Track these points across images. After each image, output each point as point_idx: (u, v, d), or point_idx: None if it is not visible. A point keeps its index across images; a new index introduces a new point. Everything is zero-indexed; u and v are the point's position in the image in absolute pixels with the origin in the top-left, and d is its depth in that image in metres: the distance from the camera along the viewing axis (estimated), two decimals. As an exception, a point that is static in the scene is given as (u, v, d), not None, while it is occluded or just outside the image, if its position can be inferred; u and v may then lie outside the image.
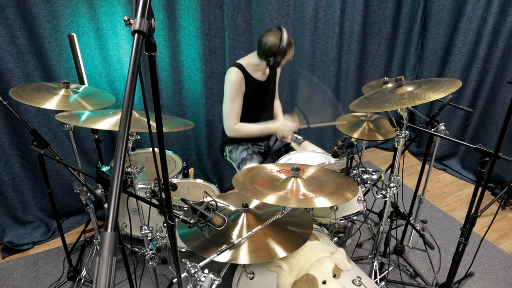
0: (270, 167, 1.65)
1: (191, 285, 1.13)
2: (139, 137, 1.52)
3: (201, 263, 1.17)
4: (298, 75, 2.91)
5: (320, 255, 1.37)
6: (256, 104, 2.13)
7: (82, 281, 2.01)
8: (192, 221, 1.20)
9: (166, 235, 1.83)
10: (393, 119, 1.59)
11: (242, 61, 2.04)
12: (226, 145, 2.24)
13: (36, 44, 2.07)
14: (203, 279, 1.13)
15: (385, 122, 2.16)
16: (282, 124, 2.14)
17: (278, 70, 2.26)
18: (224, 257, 1.30)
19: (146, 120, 0.92)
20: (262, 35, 1.93)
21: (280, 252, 1.35)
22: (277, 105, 2.36)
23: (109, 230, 0.49)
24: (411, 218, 2.29)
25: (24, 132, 2.23)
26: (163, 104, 2.54)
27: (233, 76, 1.97)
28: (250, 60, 2.03)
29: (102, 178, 1.39)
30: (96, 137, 2.18)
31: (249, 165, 2.07)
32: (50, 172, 2.35)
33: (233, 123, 2.05)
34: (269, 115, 2.30)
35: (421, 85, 1.47)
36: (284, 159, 2.04)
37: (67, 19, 2.09)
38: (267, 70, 2.14)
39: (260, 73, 2.09)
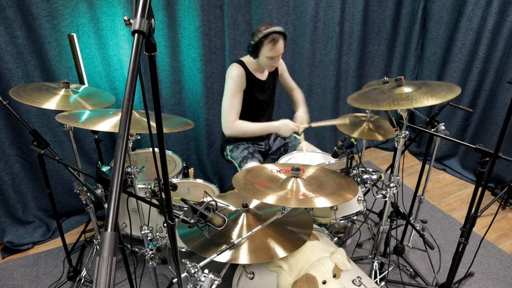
0: (270, 167, 1.65)
1: (191, 285, 1.13)
2: (139, 137, 1.52)
3: (201, 263, 1.17)
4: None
5: (320, 255, 1.37)
6: (257, 102, 2.14)
7: (82, 281, 2.01)
8: (192, 221, 1.20)
9: (166, 235, 1.83)
10: (393, 119, 1.59)
11: (244, 59, 2.07)
12: (226, 144, 2.24)
13: (36, 44, 2.07)
14: (203, 279, 1.12)
15: (385, 122, 2.16)
16: (282, 123, 2.09)
17: (281, 70, 2.26)
18: (224, 257, 1.30)
19: (146, 120, 0.92)
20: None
21: (280, 252, 1.35)
22: (299, 94, 2.35)
23: (109, 230, 0.50)
24: (411, 218, 2.29)
25: (24, 132, 2.22)
26: (163, 104, 2.54)
27: (234, 72, 1.99)
28: (250, 59, 2.06)
29: (102, 178, 1.39)
30: (96, 137, 2.18)
31: (250, 163, 2.07)
32: (50, 172, 2.35)
33: (232, 120, 2.05)
34: (270, 114, 2.30)
35: (421, 87, 1.47)
36: (284, 159, 2.04)
37: (67, 19, 2.09)
38: (266, 70, 2.15)
39: (260, 71, 2.11)
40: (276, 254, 1.34)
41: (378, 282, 1.81)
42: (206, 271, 1.15)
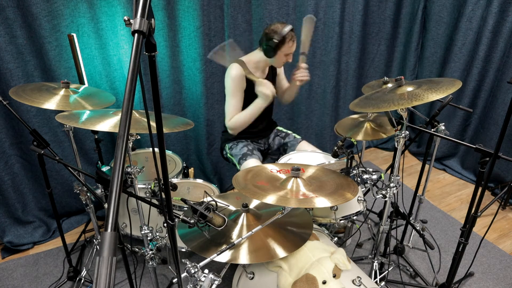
0: (270, 167, 1.65)
1: (191, 285, 1.13)
2: (139, 137, 1.52)
3: (201, 263, 1.17)
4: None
5: (320, 255, 1.37)
6: None
7: (82, 281, 2.01)
8: (192, 221, 1.20)
9: (166, 235, 1.83)
10: (393, 119, 1.59)
11: (243, 58, 2.07)
12: (226, 143, 2.25)
13: (36, 44, 2.07)
14: (203, 279, 1.12)
15: (385, 119, 2.16)
16: (261, 88, 2.00)
17: (279, 70, 2.26)
18: (224, 257, 1.30)
19: (146, 120, 0.92)
20: (266, 27, 1.98)
21: (280, 252, 1.35)
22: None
23: (109, 230, 0.50)
24: (411, 218, 2.29)
25: (24, 132, 2.22)
26: (163, 104, 2.54)
27: (233, 72, 1.99)
28: (251, 58, 2.06)
29: (102, 178, 1.39)
30: (96, 137, 2.18)
31: (250, 160, 2.08)
32: (50, 172, 2.35)
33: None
34: (269, 113, 2.30)
35: (421, 85, 1.47)
36: (284, 159, 2.04)
37: (67, 19, 2.09)
38: (267, 69, 2.15)
39: (259, 71, 2.11)
40: (276, 254, 1.34)
41: (378, 282, 1.81)
42: (206, 271, 1.15)
